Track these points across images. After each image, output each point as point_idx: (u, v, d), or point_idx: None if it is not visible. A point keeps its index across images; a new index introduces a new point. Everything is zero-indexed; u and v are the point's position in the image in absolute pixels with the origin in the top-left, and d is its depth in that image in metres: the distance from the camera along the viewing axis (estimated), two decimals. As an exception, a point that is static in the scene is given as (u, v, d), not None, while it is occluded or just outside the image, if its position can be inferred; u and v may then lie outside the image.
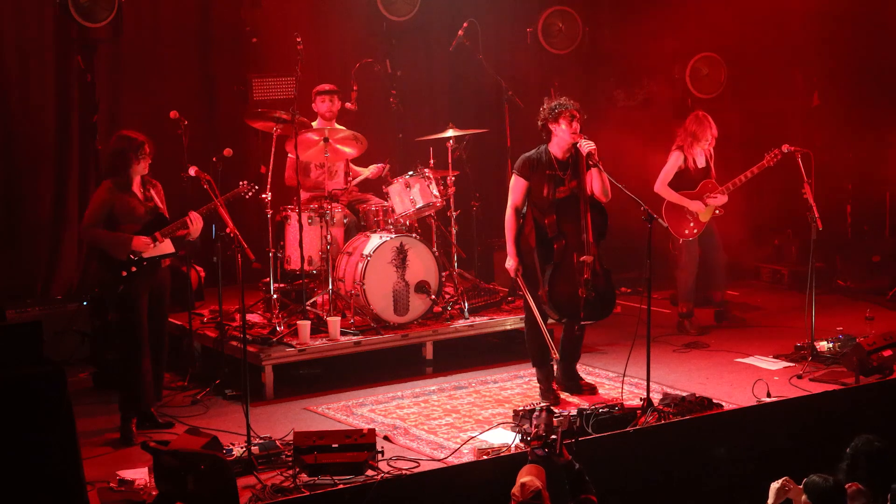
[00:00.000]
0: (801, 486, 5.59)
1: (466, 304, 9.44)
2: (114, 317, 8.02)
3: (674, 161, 9.79)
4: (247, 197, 8.36)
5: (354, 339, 8.88)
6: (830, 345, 9.02)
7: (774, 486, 5.72)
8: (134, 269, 7.72)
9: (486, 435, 7.53)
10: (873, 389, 7.99)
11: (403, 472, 6.84)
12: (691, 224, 9.80)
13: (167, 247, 7.87)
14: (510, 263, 8.19)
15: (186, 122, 8.62)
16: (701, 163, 9.80)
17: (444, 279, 9.39)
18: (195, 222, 7.87)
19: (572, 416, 7.28)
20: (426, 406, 8.31)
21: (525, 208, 8.18)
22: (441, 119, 10.48)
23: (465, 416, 8.04)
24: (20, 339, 6.46)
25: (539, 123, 8.17)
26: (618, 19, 11.47)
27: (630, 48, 11.08)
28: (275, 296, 9.17)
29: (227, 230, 7.83)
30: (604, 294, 8.18)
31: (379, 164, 9.81)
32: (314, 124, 9.63)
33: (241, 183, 8.33)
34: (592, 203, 8.13)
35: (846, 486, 5.62)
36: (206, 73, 10.80)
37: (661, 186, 9.79)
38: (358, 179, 9.82)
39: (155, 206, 7.88)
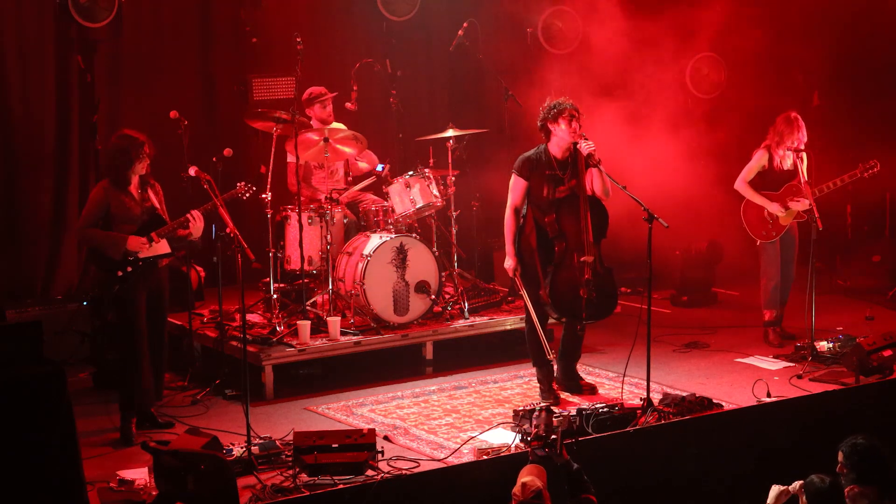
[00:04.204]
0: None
1: (466, 304, 9.44)
2: (112, 317, 8.03)
3: (757, 159, 9.50)
4: (244, 198, 8.36)
5: (354, 339, 8.88)
6: (830, 345, 9.01)
7: (776, 488, 5.71)
8: (130, 269, 7.72)
9: (486, 435, 7.53)
10: (873, 389, 7.99)
11: (403, 472, 6.85)
12: (769, 225, 9.48)
13: (163, 247, 7.87)
14: (509, 264, 8.19)
15: (186, 122, 8.64)
16: (787, 164, 9.43)
17: (444, 279, 9.39)
18: (196, 220, 7.87)
19: (572, 416, 7.28)
20: (426, 406, 8.31)
21: (525, 208, 8.18)
22: (441, 119, 10.48)
23: (465, 416, 8.04)
24: (20, 339, 6.46)
25: (538, 124, 8.17)
26: (618, 19, 11.46)
27: (630, 48, 11.07)
28: (275, 296, 9.17)
29: (227, 230, 7.83)
30: (605, 293, 8.18)
31: (373, 176, 9.75)
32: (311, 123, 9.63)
33: (238, 184, 8.34)
34: (593, 202, 8.13)
35: (847, 488, 5.62)
36: (206, 73, 10.80)
37: (741, 184, 9.52)
38: (358, 187, 9.80)
39: (151, 207, 7.88)
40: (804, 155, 9.43)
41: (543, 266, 8.10)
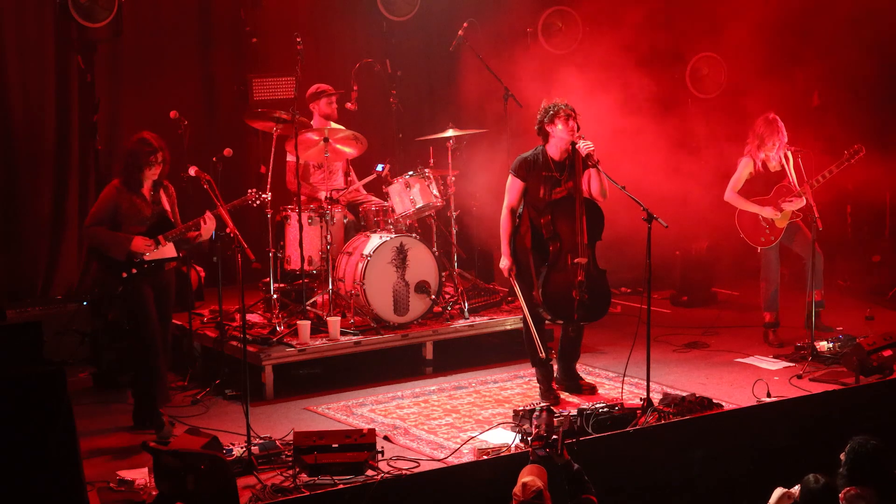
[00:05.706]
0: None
1: (466, 304, 9.45)
2: (119, 317, 8.04)
3: (742, 167, 9.44)
4: (254, 205, 8.38)
5: (354, 339, 8.88)
6: (830, 345, 9.01)
7: (779, 491, 5.71)
8: (134, 270, 7.72)
9: (486, 435, 7.54)
10: (873, 389, 8.00)
11: (403, 472, 6.84)
12: (766, 231, 9.44)
13: (169, 251, 7.87)
14: (504, 263, 8.20)
15: (186, 122, 8.64)
16: (774, 166, 9.40)
17: (444, 279, 9.40)
18: (209, 223, 7.88)
19: (573, 416, 7.28)
20: (426, 406, 8.31)
21: (521, 209, 8.19)
22: (441, 119, 10.49)
23: (465, 416, 8.04)
24: (20, 339, 6.46)
25: (536, 127, 8.17)
26: (618, 19, 11.47)
27: (630, 48, 11.08)
28: (275, 296, 9.17)
29: (228, 230, 7.84)
30: (598, 295, 8.18)
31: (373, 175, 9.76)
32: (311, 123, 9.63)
33: (249, 191, 8.34)
34: (588, 204, 8.14)
35: (845, 489, 5.61)
36: (206, 73, 10.81)
37: (731, 194, 9.45)
38: (357, 185, 9.81)
39: (162, 209, 7.88)
40: (789, 154, 9.40)
41: (537, 267, 8.11)
